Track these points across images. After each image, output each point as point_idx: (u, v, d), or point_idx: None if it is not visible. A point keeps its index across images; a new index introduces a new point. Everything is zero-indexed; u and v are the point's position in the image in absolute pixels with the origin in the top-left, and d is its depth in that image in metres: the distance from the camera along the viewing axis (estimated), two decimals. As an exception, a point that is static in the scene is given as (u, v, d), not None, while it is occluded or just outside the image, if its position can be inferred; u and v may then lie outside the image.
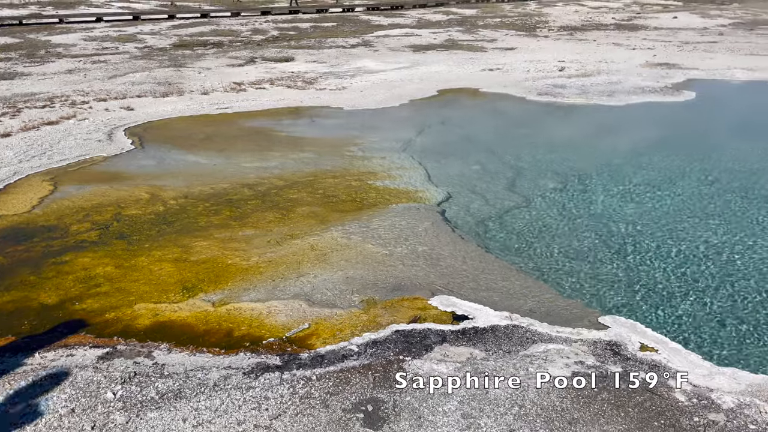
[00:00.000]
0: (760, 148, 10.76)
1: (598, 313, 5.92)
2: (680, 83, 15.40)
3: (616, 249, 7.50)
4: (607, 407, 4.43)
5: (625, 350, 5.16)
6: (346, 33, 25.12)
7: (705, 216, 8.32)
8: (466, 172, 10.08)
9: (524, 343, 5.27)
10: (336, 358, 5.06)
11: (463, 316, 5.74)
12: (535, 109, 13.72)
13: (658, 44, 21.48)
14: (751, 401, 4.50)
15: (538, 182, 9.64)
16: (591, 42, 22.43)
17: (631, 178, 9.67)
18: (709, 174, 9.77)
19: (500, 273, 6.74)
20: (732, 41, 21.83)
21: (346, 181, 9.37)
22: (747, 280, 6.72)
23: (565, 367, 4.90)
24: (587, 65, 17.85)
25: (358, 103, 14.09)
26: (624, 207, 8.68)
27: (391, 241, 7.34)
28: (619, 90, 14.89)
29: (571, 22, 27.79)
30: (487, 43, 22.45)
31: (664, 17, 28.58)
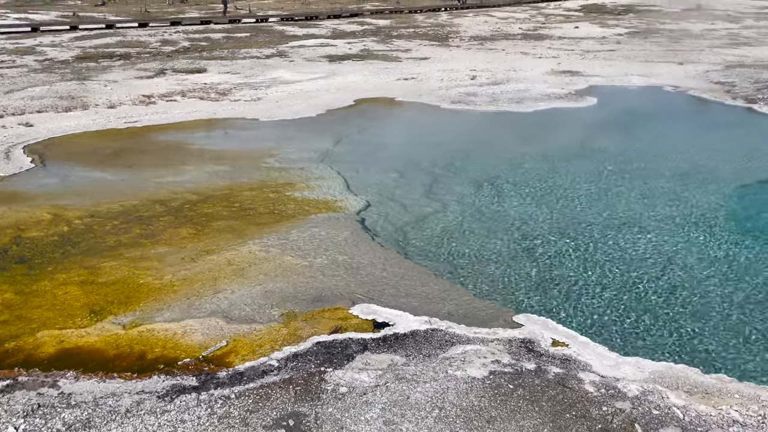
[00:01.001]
0: (656, 149, 11.50)
1: (513, 312, 6.12)
2: (583, 89, 16.23)
3: (528, 250, 7.79)
4: (523, 403, 4.58)
5: (538, 347, 5.36)
6: (260, 43, 24.83)
7: (609, 215, 8.79)
8: (385, 180, 10.18)
9: (443, 346, 5.37)
10: (256, 375, 4.96)
11: (384, 323, 5.78)
12: (450, 117, 14.06)
13: (562, 53, 22.56)
14: (654, 388, 4.78)
15: (453, 188, 9.87)
16: (500, 51, 23.26)
17: (540, 182, 10.08)
18: (614, 175, 10.33)
19: (419, 278, 6.84)
20: (629, 49, 23.26)
21: (264, 193, 9.23)
22: (646, 275, 7.15)
23: (482, 367, 5.03)
24: (497, 74, 18.49)
25: (275, 114, 13.95)
26: (535, 209, 9.03)
27: (310, 252, 7.29)
28: (527, 97, 15.51)
29: (481, 33, 28.73)
30: (402, 53, 22.82)
31: (567, 27, 30.08)
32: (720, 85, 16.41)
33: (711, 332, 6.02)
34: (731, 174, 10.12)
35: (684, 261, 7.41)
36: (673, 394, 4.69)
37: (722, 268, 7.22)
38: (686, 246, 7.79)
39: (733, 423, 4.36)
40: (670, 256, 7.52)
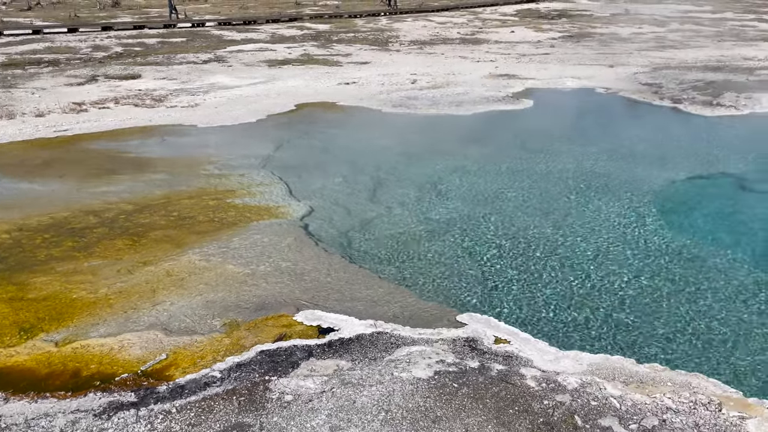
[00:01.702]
0: (590, 149, 11.89)
1: (457, 312, 6.20)
2: (520, 92, 16.63)
3: (470, 250, 7.92)
4: (468, 401, 4.64)
5: (481, 345, 5.45)
6: (197, 48, 24.32)
7: (546, 214, 9.03)
8: (328, 185, 10.14)
9: (389, 349, 5.38)
10: (198, 387, 4.85)
11: (329, 328, 5.75)
12: (391, 121, 14.14)
13: (499, 57, 23.06)
14: (592, 380, 4.93)
15: (397, 191, 9.93)
16: (439, 55, 23.57)
17: (482, 183, 10.26)
18: (551, 174, 10.62)
19: (364, 282, 6.84)
20: (562, 53, 23.98)
21: (203, 201, 9.04)
22: (582, 271, 7.38)
23: (427, 367, 5.07)
24: (437, 77, 18.72)
25: (213, 120, 13.68)
26: (476, 210, 9.18)
27: (253, 259, 7.19)
28: (466, 100, 15.77)
29: (421, 37, 29.05)
30: (342, 58, 22.81)
31: (503, 31, 30.79)
32: (648, 86, 17.12)
33: (643, 323, 6.27)
34: (660, 171, 10.57)
35: (616, 256, 7.69)
36: (610, 384, 4.85)
37: (652, 262, 7.53)
38: (618, 241, 8.09)
39: (667, 410, 4.55)
40: (603, 252, 7.80)
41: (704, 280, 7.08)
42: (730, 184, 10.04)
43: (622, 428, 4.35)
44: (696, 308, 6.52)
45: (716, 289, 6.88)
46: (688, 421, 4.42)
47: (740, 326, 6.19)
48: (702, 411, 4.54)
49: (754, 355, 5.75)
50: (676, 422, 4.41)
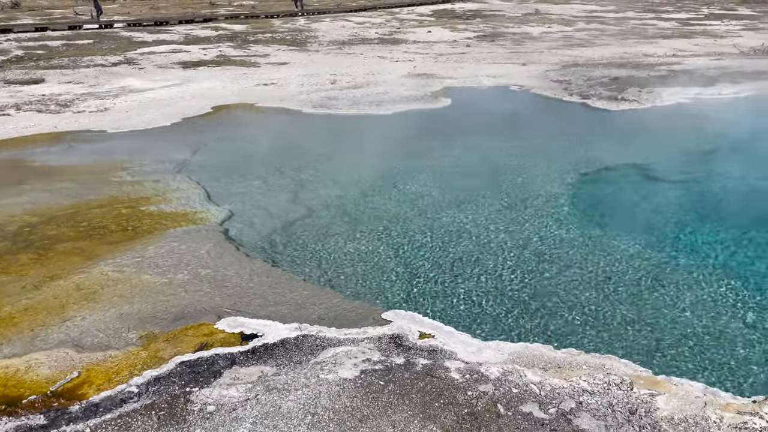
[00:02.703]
0: (506, 144, 12.26)
1: (382, 309, 6.22)
2: (438, 91, 16.92)
3: (394, 247, 7.98)
4: (394, 398, 4.67)
5: (406, 341, 5.50)
6: (105, 51, 23.25)
7: (465, 209, 9.22)
8: (248, 188, 9.95)
9: (314, 351, 5.33)
10: (113, 404, 4.62)
11: (252, 334, 5.63)
12: (312, 122, 14.04)
13: (417, 56, 23.38)
14: (513, 368, 5.08)
15: (320, 192, 9.87)
16: (359, 56, 23.62)
17: (403, 182, 10.36)
18: (469, 170, 10.85)
19: (288, 285, 6.75)
20: (478, 52, 24.61)
21: (115, 209, 8.64)
22: (500, 263, 7.60)
23: (353, 367, 5.06)
24: (357, 78, 18.76)
25: (124, 125, 13.12)
26: (399, 208, 9.26)
27: (170, 268, 6.94)
28: (386, 100, 15.89)
29: (340, 37, 29.03)
30: (260, 59, 22.44)
31: (421, 31, 31.24)
32: (558, 83, 17.83)
33: (560, 310, 6.52)
34: (570, 164, 11.03)
35: (532, 248, 7.97)
36: (530, 371, 5.01)
37: (566, 252, 7.85)
38: (532, 233, 8.37)
39: (583, 392, 4.74)
40: (520, 244, 8.05)
41: (612, 266, 7.44)
42: (635, 174, 10.61)
43: (542, 413, 4.50)
44: (606, 293, 6.84)
45: (623, 274, 7.24)
46: (603, 401, 4.63)
47: (646, 308, 6.55)
48: (615, 391, 4.77)
49: (662, 333, 6.10)
50: (591, 403, 4.61)
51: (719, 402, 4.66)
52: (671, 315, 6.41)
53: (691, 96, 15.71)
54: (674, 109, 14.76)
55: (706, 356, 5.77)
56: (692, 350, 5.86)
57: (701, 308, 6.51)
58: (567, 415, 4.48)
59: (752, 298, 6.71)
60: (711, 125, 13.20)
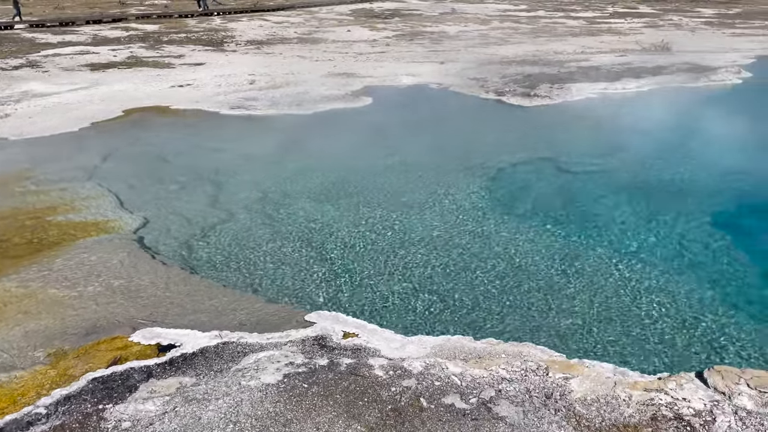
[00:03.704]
0: (426, 141, 12.42)
1: (305, 312, 6.17)
2: (359, 90, 16.95)
3: (316, 248, 7.93)
4: (318, 400, 4.64)
5: (330, 341, 5.48)
6: (5, 53, 21.84)
7: (386, 207, 9.29)
8: (164, 193, 9.63)
9: (236, 358, 5.22)
10: (19, 428, 4.35)
11: (170, 345, 5.44)
12: (230, 123, 13.73)
13: (337, 56, 23.33)
14: (435, 361, 5.16)
15: (240, 195, 9.67)
16: (278, 55, 23.31)
17: (324, 181, 10.31)
18: (391, 168, 10.93)
19: (207, 293, 6.58)
20: (397, 51, 24.84)
21: (19, 221, 8.14)
22: (420, 258, 7.71)
23: (276, 371, 4.99)
24: (276, 78, 18.50)
25: (27, 131, 12.37)
26: (320, 208, 9.21)
27: (80, 281, 6.61)
28: (306, 99, 15.76)
29: (257, 37, 28.55)
30: (175, 59, 21.73)
31: (340, 31, 31.21)
32: (475, 81, 18.27)
33: (478, 302, 6.69)
34: (488, 158, 11.33)
35: (453, 241, 8.13)
36: (452, 363, 5.11)
37: (483, 245, 8.06)
38: (451, 228, 8.55)
39: (502, 380, 4.89)
40: (440, 239, 8.20)
41: (527, 256, 7.70)
42: (549, 167, 11.02)
43: (464, 403, 4.61)
44: (521, 282, 7.08)
45: (537, 263, 7.52)
46: (521, 387, 4.79)
47: (558, 294, 6.83)
48: (532, 377, 4.94)
49: (573, 318, 6.37)
50: (510, 390, 4.75)
51: (628, 381, 4.92)
52: (582, 299, 6.70)
53: (598, 91, 16.50)
54: (583, 103, 15.44)
55: (615, 337, 6.08)
56: (603, 332, 6.16)
57: (609, 291, 6.85)
58: (487, 404, 4.60)
59: (657, 281, 7.12)
60: (617, 118, 13.91)
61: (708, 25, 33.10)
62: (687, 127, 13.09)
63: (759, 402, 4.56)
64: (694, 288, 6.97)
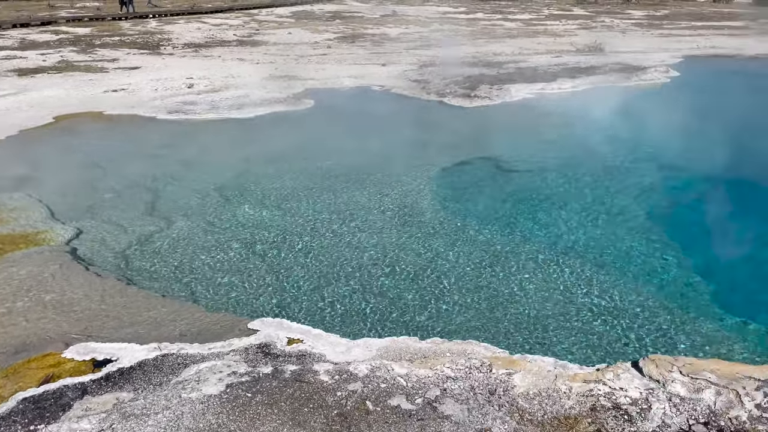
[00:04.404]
0: (369, 144, 12.43)
1: (248, 319, 6.05)
2: (300, 93, 16.82)
3: (259, 254, 7.81)
4: (262, 408, 4.56)
5: (274, 349, 5.39)
6: None
7: (329, 210, 9.25)
8: (98, 202, 9.29)
9: (176, 371, 5.07)
10: (-60, 457, 4.09)
11: (106, 360, 5.24)
12: (168, 128, 13.37)
13: (278, 58, 23.10)
14: (381, 363, 5.16)
15: (178, 202, 9.43)
16: (217, 58, 22.89)
17: (265, 186, 10.16)
18: (332, 171, 10.87)
19: (145, 304, 6.37)
20: (339, 53, 24.80)
21: (-61, 236, 7.69)
22: (365, 261, 7.71)
23: (218, 382, 4.87)
24: (215, 81, 18.16)
25: (-52, 141, 11.71)
26: (261, 213, 9.08)
27: (8, 296, 6.29)
28: (247, 103, 15.53)
29: (195, 39, 27.96)
30: (108, 63, 21.02)
31: (281, 33, 30.92)
32: (417, 82, 18.43)
33: (423, 302, 6.73)
34: (429, 159, 11.43)
35: (397, 242, 8.16)
36: (398, 365, 5.11)
37: (427, 244, 8.12)
38: (394, 229, 8.58)
39: (447, 379, 4.92)
40: (384, 240, 8.22)
41: (470, 254, 7.81)
42: (489, 167, 11.21)
43: (409, 404, 4.61)
44: (466, 279, 7.17)
45: (480, 261, 7.63)
46: (465, 385, 4.84)
47: (502, 290, 6.95)
48: (476, 374, 5.00)
49: (515, 314, 6.50)
50: (455, 389, 4.79)
51: (568, 374, 5.04)
52: (524, 295, 6.84)
53: (535, 91, 16.91)
54: (521, 103, 15.80)
55: (556, 331, 6.23)
56: (545, 327, 6.30)
57: (549, 287, 7.02)
58: (433, 403, 4.63)
59: (593, 275, 7.34)
60: (553, 117, 14.30)
61: (638, 27, 34.49)
62: (619, 125, 13.58)
63: (691, 388, 4.75)
64: (625, 280, 7.21)
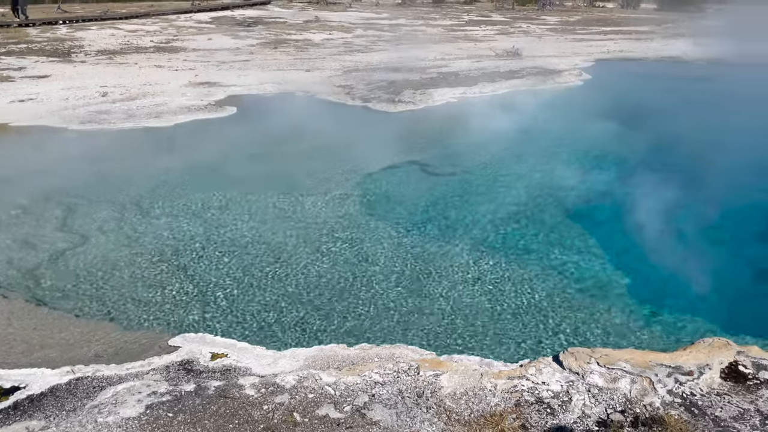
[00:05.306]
0: (296, 151, 12.30)
1: (169, 336, 5.83)
2: (222, 100, 16.44)
3: (180, 267, 7.55)
4: (184, 428, 4.39)
5: (197, 365, 5.22)
6: None
7: (254, 218, 9.08)
8: (4, 218, 8.75)
9: (91, 394, 4.81)
10: None
11: (13, 387, 4.91)
12: (80, 139, 12.73)
13: (198, 65, 22.49)
14: (308, 373, 5.08)
15: (93, 216, 9.00)
16: (133, 65, 22.04)
17: (186, 195, 9.85)
18: (258, 178, 10.66)
19: (57, 325, 6.04)
20: (262, 59, 24.43)
21: None
22: (290, 269, 7.61)
23: (137, 403, 4.66)
24: (131, 89, 17.48)
25: None
26: (183, 224, 8.79)
27: None
28: (166, 111, 15.03)
29: (109, 46, 26.84)
30: (15, 72, 19.85)
31: (201, 39, 30.16)
32: (341, 88, 18.41)
33: (351, 307, 6.71)
34: (353, 166, 11.43)
35: (322, 249, 8.11)
36: (325, 373, 5.06)
37: (353, 250, 8.11)
38: (321, 236, 8.53)
39: (375, 384, 4.91)
40: (309, 247, 8.15)
41: (397, 258, 7.86)
42: (415, 171, 11.34)
43: (338, 412, 4.57)
44: (393, 283, 7.21)
45: (405, 264, 7.69)
46: (393, 389, 4.84)
47: (426, 292, 7.03)
48: (404, 377, 5.01)
49: (442, 315, 6.58)
50: (383, 394, 4.79)
51: (493, 371, 5.14)
52: (450, 297, 6.95)
53: (458, 95, 17.26)
54: (444, 107, 16.09)
55: (481, 330, 6.36)
56: (470, 327, 6.41)
57: (473, 288, 7.16)
58: (361, 410, 4.60)
59: (516, 274, 7.55)
60: (476, 120, 14.62)
61: (553, 32, 35.92)
62: (537, 126, 14.08)
63: (608, 378, 4.95)
64: (541, 276, 7.46)
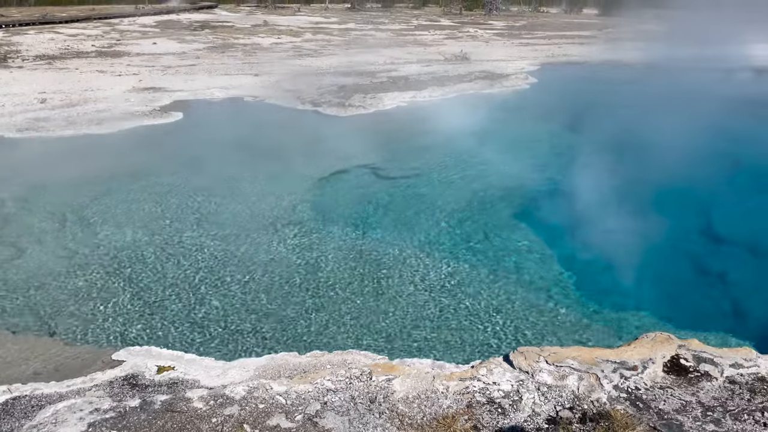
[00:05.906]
0: (244, 157, 12.10)
1: (113, 350, 5.62)
2: (168, 105, 16.07)
3: (124, 278, 7.31)
4: (129, 446, 4.24)
5: (143, 379, 5.05)
6: None
7: (202, 227, 8.88)
8: (-67, 233, 8.28)
9: (29, 414, 4.59)
10: None
11: (-57, 411, 4.63)
12: (17, 147, 12.23)
13: (143, 69, 21.93)
14: (259, 383, 4.98)
15: (31, 227, 8.67)
16: (73, 71, 21.32)
17: (129, 204, 9.56)
18: (203, 186, 10.44)
19: (-8, 343, 5.74)
20: (208, 63, 24.00)
21: None
22: (239, 279, 7.48)
23: (79, 422, 4.47)
24: (72, 95, 16.89)
25: None
26: (126, 234, 8.51)
27: None
28: (109, 117, 14.58)
29: (49, 51, 25.90)
30: (-55, 78, 18.91)
31: (145, 43, 29.44)
32: (291, 92, 18.25)
33: (302, 315, 6.63)
34: (306, 168, 11.33)
35: (272, 258, 8.00)
36: (276, 383, 4.97)
37: (305, 257, 8.03)
38: (271, 244, 8.41)
39: (327, 392, 4.85)
40: (252, 255, 8.02)
41: (347, 263, 7.82)
42: (366, 174, 11.32)
43: (289, 422, 4.49)
44: (345, 290, 7.16)
45: (356, 269, 7.66)
46: (346, 396, 4.80)
47: (377, 297, 7.02)
48: (356, 383, 4.97)
49: (394, 319, 6.58)
50: (335, 401, 4.74)
51: (445, 373, 5.15)
52: (401, 300, 6.95)
53: (408, 99, 17.36)
54: (394, 111, 16.16)
55: (433, 333, 6.38)
56: (422, 330, 6.42)
57: (424, 290, 7.19)
58: (313, 419, 4.54)
59: (464, 272, 7.62)
60: (425, 124, 14.74)
61: (500, 36, 36.60)
62: (484, 128, 14.29)
63: (557, 376, 5.03)
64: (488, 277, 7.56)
